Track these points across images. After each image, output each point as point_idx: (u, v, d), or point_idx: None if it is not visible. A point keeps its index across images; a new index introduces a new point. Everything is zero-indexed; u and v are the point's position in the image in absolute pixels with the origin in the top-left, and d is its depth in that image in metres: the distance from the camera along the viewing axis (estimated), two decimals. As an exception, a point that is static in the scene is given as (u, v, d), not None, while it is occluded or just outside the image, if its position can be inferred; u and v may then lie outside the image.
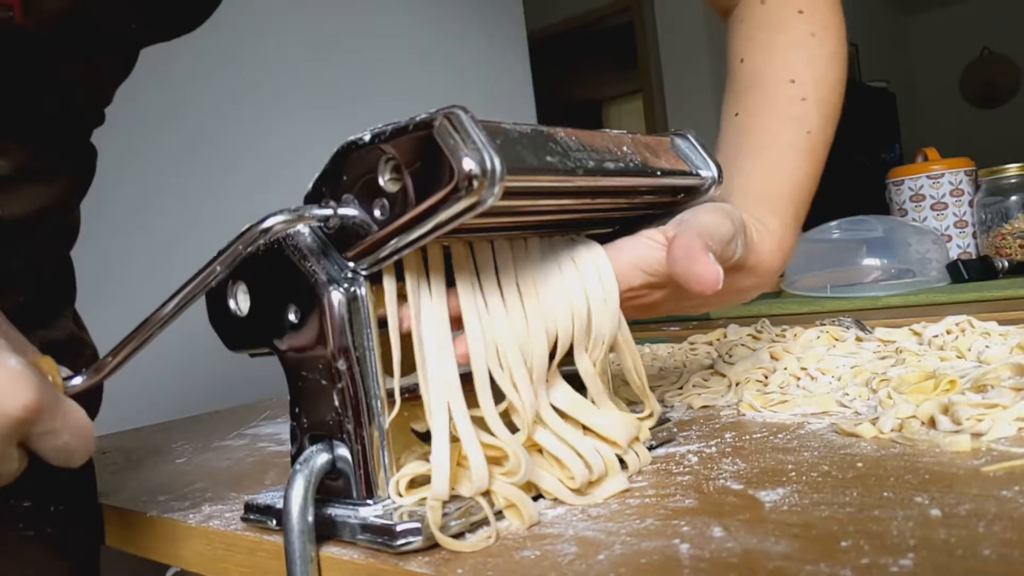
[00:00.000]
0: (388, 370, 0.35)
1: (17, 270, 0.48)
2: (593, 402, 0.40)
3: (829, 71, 0.56)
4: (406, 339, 0.36)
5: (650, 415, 0.44)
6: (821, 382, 0.54)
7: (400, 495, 0.35)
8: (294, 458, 0.36)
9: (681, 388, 0.59)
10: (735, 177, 0.51)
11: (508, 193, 0.31)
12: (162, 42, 0.52)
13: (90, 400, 0.55)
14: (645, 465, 0.41)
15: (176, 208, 1.38)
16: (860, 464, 0.37)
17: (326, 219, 0.35)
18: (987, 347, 0.55)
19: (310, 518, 0.34)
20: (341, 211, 0.34)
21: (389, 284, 0.35)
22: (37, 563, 0.49)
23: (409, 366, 0.36)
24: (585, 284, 0.40)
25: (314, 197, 0.36)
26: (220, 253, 0.35)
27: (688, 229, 0.40)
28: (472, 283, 0.37)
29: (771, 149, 0.52)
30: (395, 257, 0.34)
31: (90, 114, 0.53)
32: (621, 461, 0.39)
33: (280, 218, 0.34)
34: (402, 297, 0.36)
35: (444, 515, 0.33)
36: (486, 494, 0.35)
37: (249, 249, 0.37)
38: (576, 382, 0.40)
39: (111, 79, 0.52)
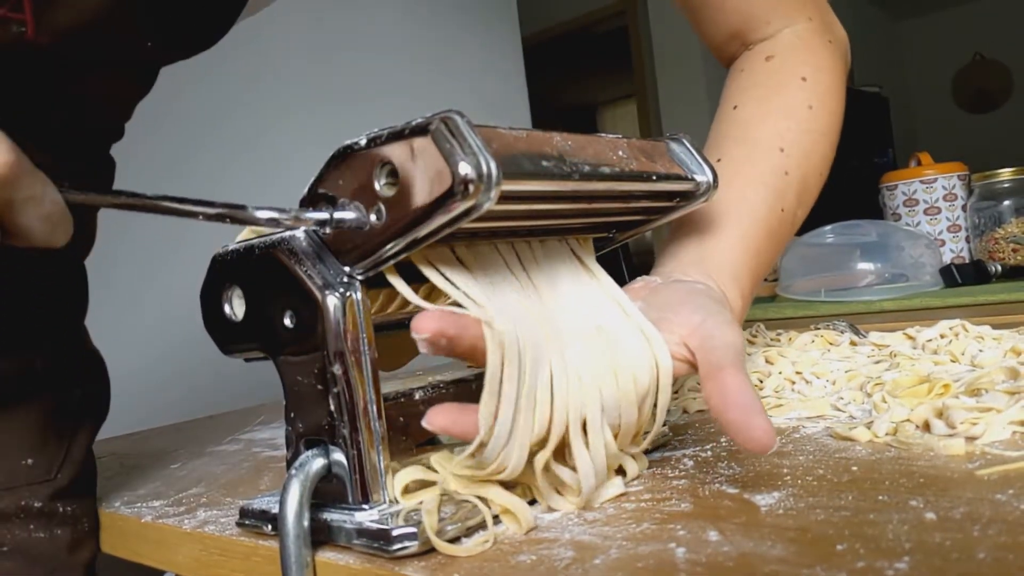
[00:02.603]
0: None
1: (34, 275, 0.49)
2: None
3: (815, 149, 0.54)
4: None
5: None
6: (816, 386, 0.54)
7: (396, 500, 0.35)
8: (289, 463, 0.36)
9: (676, 392, 0.59)
10: (706, 239, 0.49)
11: (504, 197, 0.31)
12: (180, 60, 0.52)
13: (98, 404, 0.55)
14: (643, 470, 0.41)
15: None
16: (855, 468, 0.37)
17: (322, 223, 0.35)
18: (981, 351, 0.55)
19: (306, 523, 0.34)
20: (337, 215, 0.34)
21: (400, 284, 0.35)
22: (47, 564, 0.49)
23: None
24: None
25: (310, 201, 0.36)
26: (206, 203, 0.35)
27: (730, 364, 0.37)
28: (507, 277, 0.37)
29: (745, 221, 0.50)
30: (391, 262, 0.34)
31: (108, 128, 0.53)
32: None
33: (273, 214, 0.34)
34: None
35: (440, 519, 0.33)
36: (483, 498, 0.35)
37: (239, 247, 0.37)
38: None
39: (128, 95, 0.52)
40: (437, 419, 0.34)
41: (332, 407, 0.34)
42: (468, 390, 0.43)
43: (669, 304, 0.42)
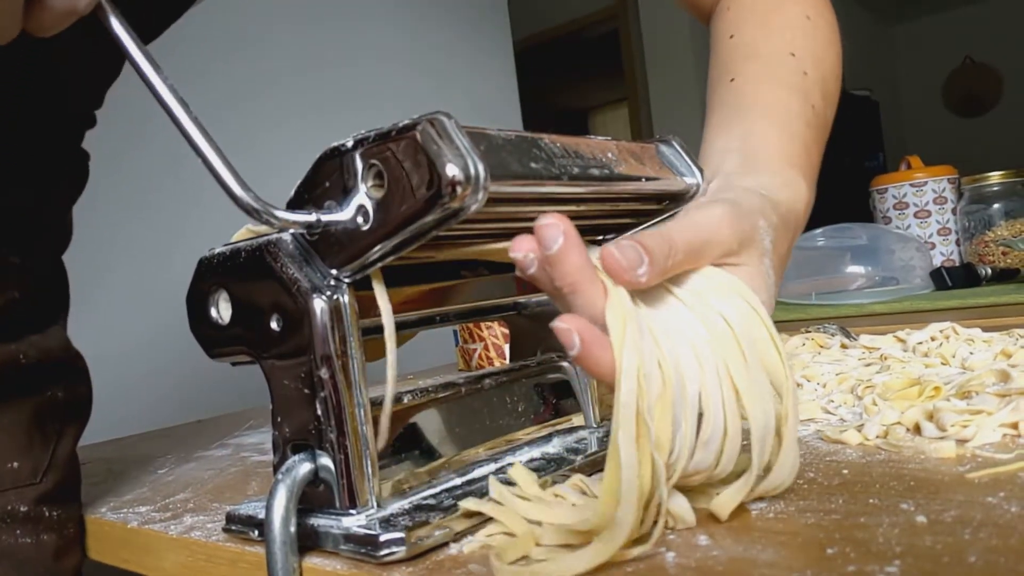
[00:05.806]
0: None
1: (13, 266, 0.48)
2: None
3: (826, 54, 0.55)
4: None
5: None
6: (807, 389, 0.54)
7: (381, 504, 0.35)
8: (276, 468, 0.36)
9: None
10: (749, 137, 0.48)
11: (492, 199, 0.31)
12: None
13: (81, 407, 0.54)
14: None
15: (161, 216, 1.37)
16: (846, 471, 0.37)
17: (309, 226, 0.34)
18: (971, 353, 0.55)
19: (292, 528, 0.34)
20: (324, 218, 0.34)
21: (380, 290, 0.35)
22: (34, 570, 0.48)
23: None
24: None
25: (297, 204, 0.35)
26: (211, 141, 0.34)
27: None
28: None
29: (781, 116, 0.49)
30: (379, 264, 0.34)
31: (80, 115, 0.52)
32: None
33: (252, 202, 0.33)
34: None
35: (430, 523, 0.33)
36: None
37: (226, 250, 0.37)
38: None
39: (99, 76, 0.51)
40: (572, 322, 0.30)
41: (319, 411, 0.34)
42: (458, 395, 0.43)
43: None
